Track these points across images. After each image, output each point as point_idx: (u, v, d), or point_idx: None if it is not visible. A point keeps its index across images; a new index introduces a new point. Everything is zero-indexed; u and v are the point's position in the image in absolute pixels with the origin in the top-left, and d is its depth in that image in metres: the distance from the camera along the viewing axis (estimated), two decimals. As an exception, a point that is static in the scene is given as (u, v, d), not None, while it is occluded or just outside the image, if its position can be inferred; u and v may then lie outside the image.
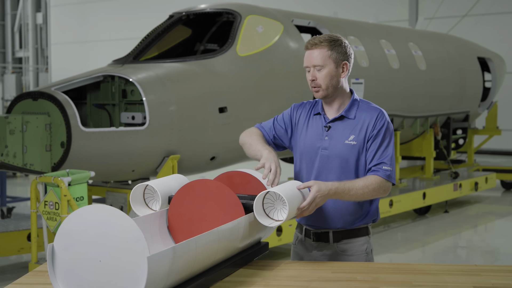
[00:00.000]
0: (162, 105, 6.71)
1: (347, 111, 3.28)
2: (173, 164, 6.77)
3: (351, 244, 3.35)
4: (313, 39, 3.25)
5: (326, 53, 3.21)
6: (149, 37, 7.74)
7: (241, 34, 7.62)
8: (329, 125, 3.30)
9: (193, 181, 3.14)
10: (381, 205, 8.95)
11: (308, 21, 8.91)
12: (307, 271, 3.05)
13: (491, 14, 19.44)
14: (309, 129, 3.35)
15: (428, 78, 10.72)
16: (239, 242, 3.00)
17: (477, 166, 12.80)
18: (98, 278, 2.38)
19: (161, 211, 3.15)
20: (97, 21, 27.87)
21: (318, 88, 3.24)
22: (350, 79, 8.91)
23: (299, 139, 3.38)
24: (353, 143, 3.24)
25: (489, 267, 3.12)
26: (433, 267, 3.10)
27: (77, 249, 2.41)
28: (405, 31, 11.64)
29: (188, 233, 3.07)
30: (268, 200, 3.06)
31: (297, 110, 3.43)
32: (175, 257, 2.44)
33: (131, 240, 2.32)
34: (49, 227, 5.60)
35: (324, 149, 3.28)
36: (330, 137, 3.28)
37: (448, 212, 10.88)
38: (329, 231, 3.34)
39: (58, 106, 6.21)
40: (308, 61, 3.25)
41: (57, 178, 5.43)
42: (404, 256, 8.19)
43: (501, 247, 8.73)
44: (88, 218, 2.40)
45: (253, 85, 7.56)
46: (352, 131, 3.25)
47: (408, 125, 10.48)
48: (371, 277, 2.94)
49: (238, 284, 2.83)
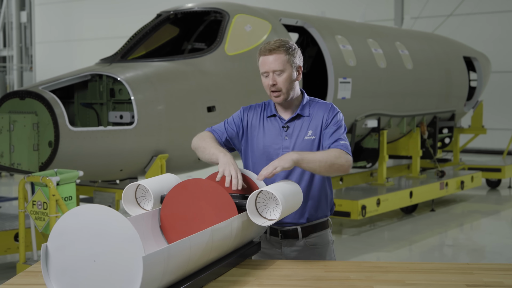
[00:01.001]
0: (151, 104, 6.69)
1: (302, 109, 3.40)
2: (161, 164, 6.76)
3: (319, 237, 3.46)
4: (268, 45, 3.32)
5: (284, 58, 3.30)
6: (136, 36, 7.72)
7: (229, 33, 7.61)
8: (287, 125, 3.40)
9: (186, 181, 3.13)
10: (368, 204, 8.97)
11: (296, 20, 8.92)
12: (300, 270, 3.05)
13: (476, 14, 19.54)
14: (266, 131, 3.43)
15: (415, 77, 10.77)
16: (232, 242, 3.00)
17: (462, 165, 12.87)
18: (92, 278, 2.37)
19: (154, 210, 3.14)
20: (82, 19, 27.71)
21: (279, 92, 3.32)
22: (338, 78, 8.93)
23: (256, 141, 3.44)
24: (312, 137, 3.36)
25: (480, 265, 3.14)
26: (425, 266, 3.12)
27: (72, 249, 2.40)
28: (392, 31, 11.68)
29: (181, 232, 3.06)
30: (260, 199, 3.07)
31: (248, 113, 3.50)
32: (169, 256, 2.44)
33: (126, 240, 2.31)
34: (37, 227, 5.56)
35: (285, 148, 3.36)
36: (289, 136, 3.38)
37: (435, 210, 10.93)
38: (297, 227, 3.42)
39: (46, 105, 6.18)
40: (267, 66, 3.31)
41: (46, 178, 5.40)
42: (392, 255, 8.22)
43: (487, 245, 8.78)
44: (82, 217, 2.38)
45: (241, 84, 7.55)
46: (309, 127, 3.37)
47: (395, 124, 10.53)
48: (364, 276, 2.94)
49: (231, 283, 2.83)
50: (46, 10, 28.78)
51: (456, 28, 19.06)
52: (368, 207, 8.95)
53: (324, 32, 9.10)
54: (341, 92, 8.95)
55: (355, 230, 9.47)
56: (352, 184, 10.92)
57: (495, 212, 11.28)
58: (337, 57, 9.01)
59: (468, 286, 2.77)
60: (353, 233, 9.25)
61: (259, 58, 3.36)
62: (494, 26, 19.19)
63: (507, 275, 2.94)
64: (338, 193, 9.81)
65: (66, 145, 6.18)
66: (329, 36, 9.14)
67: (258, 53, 3.37)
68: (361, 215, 8.83)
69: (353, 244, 8.63)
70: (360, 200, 8.85)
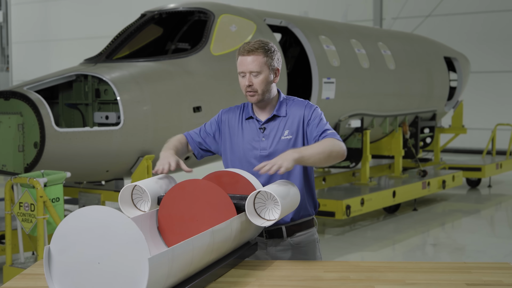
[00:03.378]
0: (137, 104, 6.65)
1: (278, 110, 3.42)
2: (147, 164, 6.70)
3: (304, 236, 3.47)
4: (248, 46, 3.34)
5: (262, 60, 3.32)
6: (121, 36, 7.67)
7: (215, 33, 7.59)
8: (263, 127, 3.42)
9: (184, 181, 3.11)
10: (352, 204, 9.00)
11: (280, 20, 8.92)
12: (300, 270, 3.05)
13: (454, 15, 19.72)
14: (244, 133, 3.46)
15: (397, 78, 10.83)
16: (231, 243, 2.99)
17: (443, 164, 12.96)
18: (96, 280, 2.35)
19: (151, 212, 3.12)
20: (59, 19, 27.51)
21: (254, 93, 3.34)
22: (322, 78, 8.95)
23: (235, 143, 3.47)
24: (289, 137, 3.38)
25: (478, 265, 3.15)
26: (423, 265, 3.13)
27: (75, 251, 2.37)
28: (374, 31, 11.74)
29: (179, 234, 3.04)
30: (259, 200, 3.06)
31: (227, 115, 3.54)
32: (174, 258, 2.42)
33: (131, 241, 2.29)
34: (24, 228, 5.50)
35: (262, 149, 3.39)
36: (266, 137, 3.40)
37: (417, 210, 11.00)
38: (281, 226, 3.42)
39: (31, 106, 6.11)
40: (244, 67, 3.33)
41: (33, 179, 5.33)
42: (376, 254, 8.25)
43: (470, 243, 8.85)
44: (86, 219, 2.36)
45: (227, 84, 7.54)
46: (286, 127, 3.40)
47: (378, 124, 10.57)
48: (364, 276, 2.95)
49: (232, 284, 2.82)
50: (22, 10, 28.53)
51: (434, 29, 19.21)
52: (352, 207, 8.98)
53: (308, 33, 9.11)
54: (325, 92, 8.97)
55: (339, 229, 9.49)
56: (334, 184, 10.94)
57: (475, 211, 11.37)
58: (321, 57, 9.03)
59: (468, 285, 2.79)
60: (337, 233, 9.27)
61: (238, 57, 3.37)
62: (472, 26, 19.38)
63: (505, 274, 2.96)
64: (321, 193, 9.82)
65: (52, 146, 6.11)
66: (313, 36, 9.16)
67: (237, 52, 3.39)
68: (345, 215, 8.85)
69: (337, 244, 8.65)
70: (345, 200, 8.87)
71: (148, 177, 6.47)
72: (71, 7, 26.98)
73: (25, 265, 5.74)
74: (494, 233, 10.11)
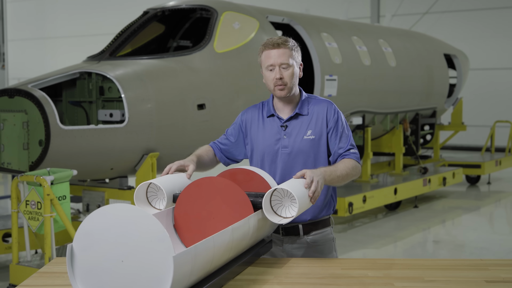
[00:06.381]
0: (141, 102, 6.63)
1: (300, 108, 3.40)
2: (152, 162, 6.70)
3: (320, 234, 3.46)
4: (273, 40, 3.33)
5: (290, 53, 3.32)
6: (124, 33, 7.64)
7: (218, 31, 7.57)
8: (285, 124, 3.40)
9: (200, 179, 3.09)
10: (355, 201, 9.00)
11: (282, 17, 8.91)
12: (317, 268, 3.04)
13: (452, 12, 19.73)
14: (266, 131, 3.44)
15: (398, 75, 10.83)
16: (248, 240, 2.98)
17: (443, 161, 12.97)
18: (120, 278, 2.34)
19: (167, 209, 3.10)
20: (55, 17, 27.42)
21: (284, 86, 3.32)
22: (324, 75, 8.94)
23: (258, 141, 3.46)
24: (311, 137, 3.36)
25: (494, 261, 3.15)
26: (440, 262, 3.13)
27: (98, 249, 2.36)
28: (375, 28, 11.73)
29: (195, 231, 3.03)
30: (275, 197, 3.04)
31: (246, 116, 3.53)
32: (196, 256, 2.41)
33: (156, 239, 2.28)
34: (31, 227, 5.48)
35: (284, 147, 3.37)
36: (288, 136, 3.38)
37: (418, 207, 11.01)
38: (298, 224, 3.41)
39: (36, 104, 6.08)
40: (273, 60, 3.31)
41: (40, 177, 5.31)
42: (379, 251, 8.25)
43: (473, 240, 8.86)
44: (109, 217, 2.35)
45: (231, 81, 7.52)
46: (309, 126, 3.38)
47: (379, 121, 10.57)
48: (382, 273, 2.94)
49: (251, 282, 2.81)
50: (18, 7, 28.41)
51: (432, 26, 19.23)
52: (354, 204, 8.98)
53: (310, 30, 9.10)
54: (328, 89, 8.96)
55: (341, 227, 9.49)
56: (336, 182, 10.92)
57: (475, 208, 11.39)
58: (323, 54, 9.02)
59: (487, 282, 2.79)
60: (339, 230, 9.27)
61: (263, 52, 3.35)
62: (469, 24, 19.40)
63: (522, 271, 2.96)
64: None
65: (57, 144, 6.09)
66: (315, 33, 9.15)
67: (261, 48, 3.36)
68: (348, 212, 8.85)
69: (340, 241, 8.65)
70: (347, 197, 8.87)
71: (153, 175, 6.50)
72: (67, 5, 26.89)
73: (31, 263, 5.73)
74: (495, 230, 10.13)
